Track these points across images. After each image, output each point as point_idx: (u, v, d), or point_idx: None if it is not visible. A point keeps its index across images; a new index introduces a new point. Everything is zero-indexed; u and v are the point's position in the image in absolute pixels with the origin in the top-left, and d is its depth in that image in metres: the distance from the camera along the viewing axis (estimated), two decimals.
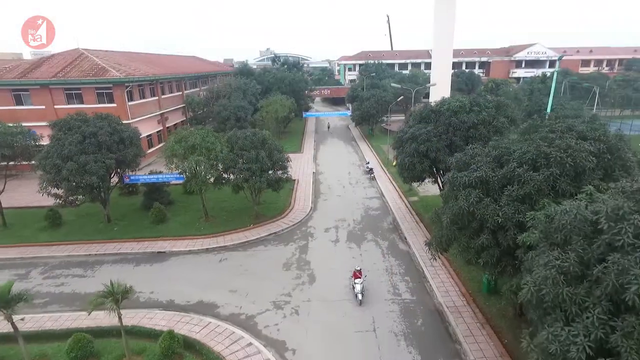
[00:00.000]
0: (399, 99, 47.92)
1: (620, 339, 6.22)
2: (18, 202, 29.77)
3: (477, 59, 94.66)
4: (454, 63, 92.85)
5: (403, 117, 47.39)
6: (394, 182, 33.87)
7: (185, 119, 53.24)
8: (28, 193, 31.72)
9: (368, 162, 38.93)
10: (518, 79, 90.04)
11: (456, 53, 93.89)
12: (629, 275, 6.20)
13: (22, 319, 14.20)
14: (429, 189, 28.05)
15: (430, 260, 15.77)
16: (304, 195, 31.17)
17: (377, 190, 32.69)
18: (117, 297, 12.90)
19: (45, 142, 27.26)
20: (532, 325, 8.56)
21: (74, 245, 23.43)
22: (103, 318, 16.08)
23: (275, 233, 24.72)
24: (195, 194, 27.69)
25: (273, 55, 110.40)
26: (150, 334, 15.14)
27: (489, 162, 12.98)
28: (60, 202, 23.45)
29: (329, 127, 62.58)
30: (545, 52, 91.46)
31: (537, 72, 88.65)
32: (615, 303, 6.63)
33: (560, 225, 7.81)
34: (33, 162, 26.37)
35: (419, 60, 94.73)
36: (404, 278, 19.33)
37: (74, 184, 22.07)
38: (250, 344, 14.89)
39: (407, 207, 28.14)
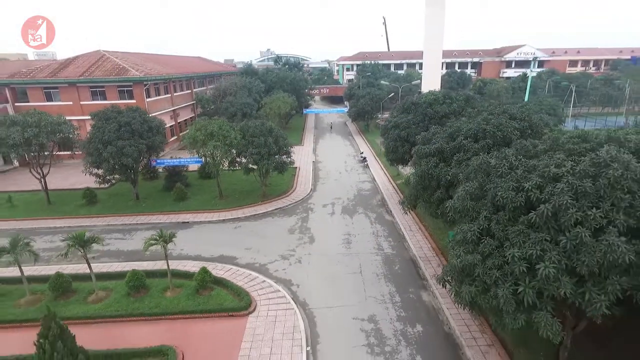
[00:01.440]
0: (390, 95, 52.20)
1: (494, 225, 10.50)
2: (55, 185, 33.90)
3: (469, 60, 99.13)
4: (447, 63, 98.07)
5: None
6: (384, 169, 38.15)
7: (194, 115, 57.52)
8: (62, 178, 36.15)
9: (362, 152, 43.28)
10: (508, 78, 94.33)
11: (449, 54, 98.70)
12: (499, 187, 10.49)
13: (93, 257, 18.45)
14: None
15: (403, 214, 20.04)
16: (304, 180, 35.48)
17: (369, 176, 37.02)
18: (166, 238, 17.21)
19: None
20: None
21: (111, 217, 27.70)
22: (147, 265, 20.51)
23: (280, 208, 29.03)
24: (211, 177, 32.10)
25: (274, 56, 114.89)
26: (186, 275, 19.36)
27: (445, 137, 17.30)
28: (100, 180, 27.70)
29: (331, 127, 65.04)
30: (534, 53, 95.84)
31: (527, 71, 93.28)
32: (495, 207, 10.91)
33: (472, 167, 12.11)
34: (70, 151, 30.72)
35: (413, 61, 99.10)
36: (387, 239, 23.63)
37: (112, 163, 26.29)
38: (264, 281, 19.19)
39: (394, 188, 32.38)
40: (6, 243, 16.95)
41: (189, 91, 57.60)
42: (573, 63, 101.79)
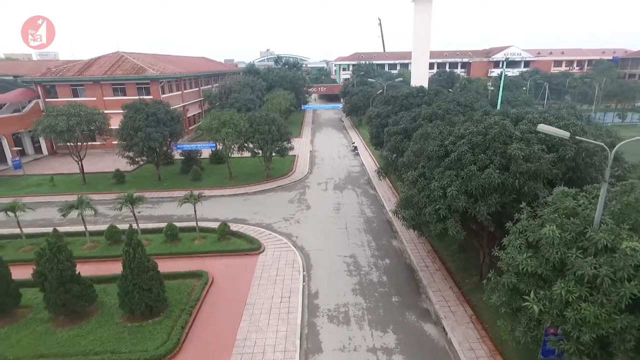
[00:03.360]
0: (379, 92, 57.35)
1: (426, 170, 15.79)
2: (86, 170, 38.95)
3: (459, 60, 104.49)
4: (438, 63, 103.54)
5: None
6: (372, 157, 43.45)
7: (201, 111, 62.73)
8: (91, 164, 41.08)
9: (354, 143, 48.61)
10: (496, 77, 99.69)
11: (441, 55, 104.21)
12: (430, 145, 15.78)
13: (139, 212, 23.65)
14: None
15: (380, 181, 25.26)
16: (302, 165, 40.79)
17: (359, 162, 42.36)
18: (196, 197, 22.49)
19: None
20: None
21: (139, 192, 32.47)
22: (177, 222, 25.68)
23: (282, 185, 34.33)
24: (222, 162, 37.32)
25: (274, 56, 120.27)
26: (208, 230, 24.57)
27: (409, 120, 22.60)
28: (130, 161, 32.93)
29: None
30: (520, 54, 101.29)
31: (513, 71, 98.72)
32: (428, 158, 16.19)
33: (417, 135, 17.40)
34: (102, 141, 35.84)
35: (406, 61, 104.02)
36: (369, 207, 28.94)
37: (141, 146, 31.45)
38: (270, 234, 24.48)
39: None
40: (74, 202, 22.21)
41: (197, 89, 62.84)
42: (558, 63, 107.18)
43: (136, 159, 33.01)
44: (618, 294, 8.92)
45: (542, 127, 10.03)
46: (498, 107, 41.53)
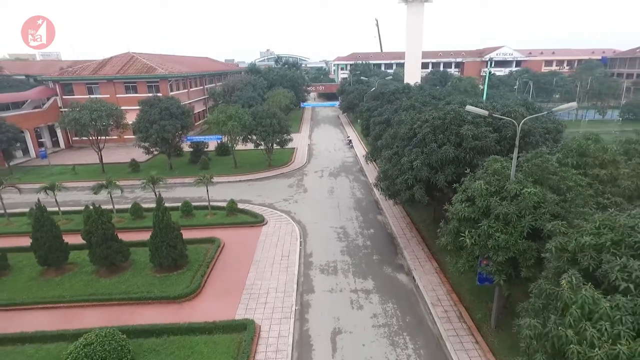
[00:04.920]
0: (371, 90, 61.09)
1: (400, 149, 19.45)
2: (104, 160, 42.79)
3: (452, 60, 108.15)
4: (433, 63, 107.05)
5: None
6: (366, 149, 47.08)
7: (205, 108, 66.42)
8: (106, 156, 44.85)
9: (349, 136, 52.31)
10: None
11: (435, 55, 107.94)
12: (402, 129, 19.44)
13: (159, 192, 27.31)
14: None
15: (370, 169, 28.94)
16: (301, 156, 44.49)
17: (353, 153, 46.07)
18: (207, 178, 26.17)
19: None
20: None
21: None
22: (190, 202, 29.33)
23: (282, 173, 38.03)
24: (227, 154, 40.95)
25: (274, 56, 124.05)
26: (218, 208, 28.22)
27: (391, 111, 26.28)
28: (145, 151, 36.60)
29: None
30: (512, 54, 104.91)
31: (505, 70, 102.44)
32: (401, 140, 19.84)
33: (395, 121, 21.07)
34: (117, 136, 39.51)
35: (402, 61, 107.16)
36: (359, 190, 32.63)
37: (155, 137, 35.10)
38: (272, 211, 28.17)
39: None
40: (104, 182, 25.93)
41: (201, 87, 66.55)
42: (549, 63, 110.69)
43: (151, 149, 36.66)
44: (521, 225, 12.60)
45: (469, 108, 13.70)
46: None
